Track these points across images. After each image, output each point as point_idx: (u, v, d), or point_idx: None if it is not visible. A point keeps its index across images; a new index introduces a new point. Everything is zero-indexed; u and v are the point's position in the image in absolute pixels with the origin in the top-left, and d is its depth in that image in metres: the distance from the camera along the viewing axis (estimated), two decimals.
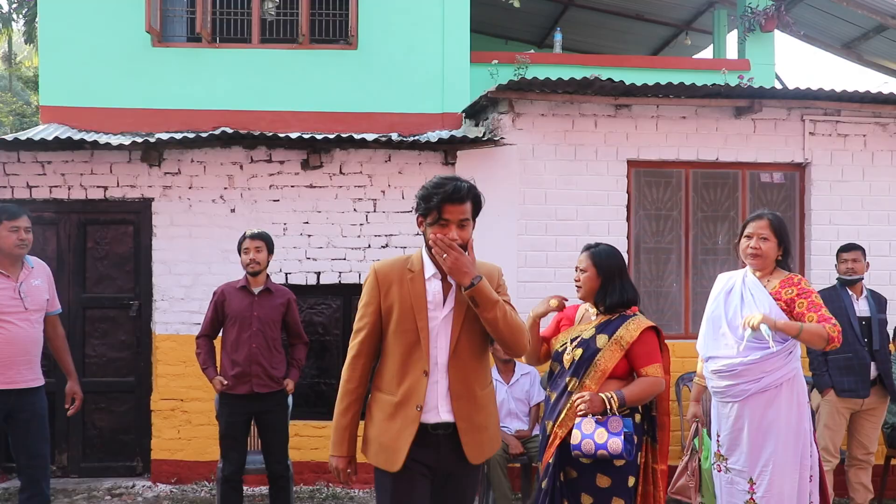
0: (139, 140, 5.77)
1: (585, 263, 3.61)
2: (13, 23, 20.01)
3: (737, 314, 3.79)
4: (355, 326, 2.91)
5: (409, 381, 2.79)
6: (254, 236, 4.88)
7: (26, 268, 4.32)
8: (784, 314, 3.69)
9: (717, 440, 3.94)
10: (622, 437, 3.26)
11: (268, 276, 4.99)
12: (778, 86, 9.04)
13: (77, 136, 5.83)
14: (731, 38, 9.83)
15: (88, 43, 6.78)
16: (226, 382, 4.76)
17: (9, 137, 5.69)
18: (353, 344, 2.90)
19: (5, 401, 4.16)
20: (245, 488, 5.68)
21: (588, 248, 3.66)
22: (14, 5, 19.33)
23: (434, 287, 2.84)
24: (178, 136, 5.90)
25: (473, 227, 2.83)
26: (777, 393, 3.70)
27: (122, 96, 6.77)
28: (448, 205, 2.71)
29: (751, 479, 3.76)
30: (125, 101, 6.77)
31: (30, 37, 18.52)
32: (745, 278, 3.88)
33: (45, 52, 6.90)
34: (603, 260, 3.59)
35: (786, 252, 3.83)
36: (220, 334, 4.96)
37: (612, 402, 3.33)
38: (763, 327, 3.55)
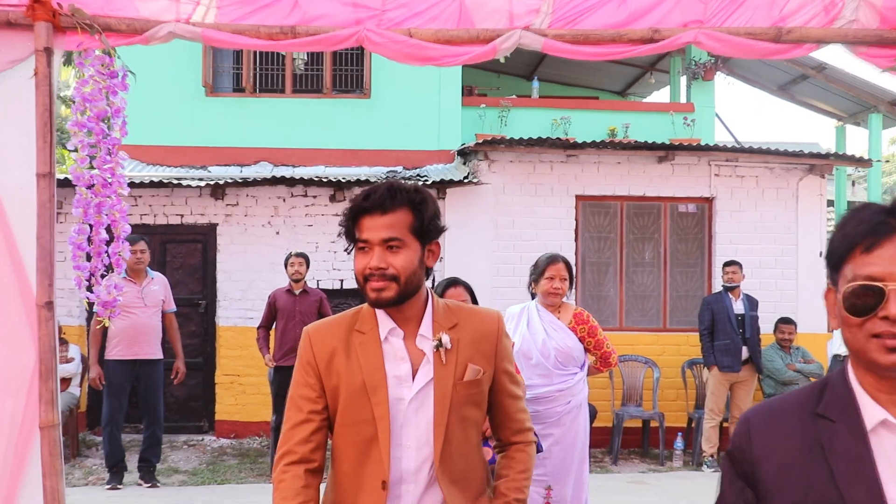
0: (211, 182, 7.62)
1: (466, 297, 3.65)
2: None
3: (546, 345, 4.05)
4: (286, 423, 1.94)
5: (363, 500, 1.87)
6: (297, 255, 6.65)
7: (148, 278, 6.21)
8: (580, 343, 4.14)
9: None
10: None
11: (305, 282, 6.75)
12: (718, 124, 10.75)
13: (166, 179, 7.65)
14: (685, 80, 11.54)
15: (155, 93, 8.32)
16: (273, 362, 6.48)
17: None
18: (288, 447, 1.90)
19: (133, 368, 6.05)
20: None
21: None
22: None
23: (395, 351, 1.89)
24: (240, 178, 7.72)
25: (438, 254, 1.91)
26: (578, 412, 4.12)
27: (182, 136, 8.46)
28: (364, 217, 1.81)
29: (549, 486, 3.98)
30: (184, 140, 8.46)
31: (68, 59, 20.34)
32: (539, 313, 4.13)
33: None
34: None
35: (571, 288, 4.24)
36: (274, 326, 6.67)
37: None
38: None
